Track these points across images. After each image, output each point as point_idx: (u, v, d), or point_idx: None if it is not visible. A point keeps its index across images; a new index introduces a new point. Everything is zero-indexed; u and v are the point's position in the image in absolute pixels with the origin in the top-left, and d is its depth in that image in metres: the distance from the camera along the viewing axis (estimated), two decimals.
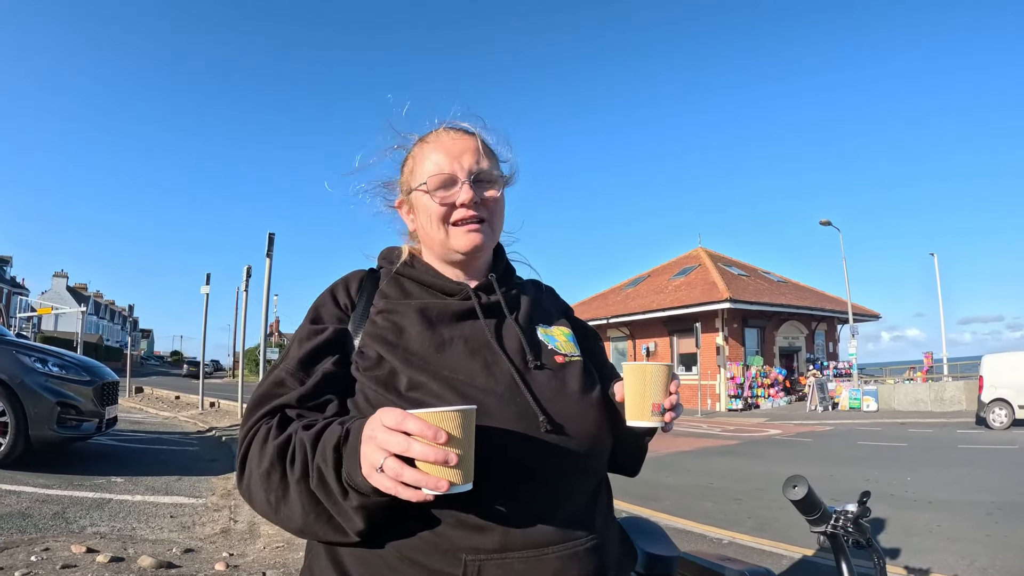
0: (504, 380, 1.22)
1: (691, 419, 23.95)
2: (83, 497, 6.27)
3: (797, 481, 1.72)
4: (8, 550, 4.42)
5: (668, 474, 10.58)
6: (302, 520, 1.09)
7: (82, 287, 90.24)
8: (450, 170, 1.31)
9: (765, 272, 36.54)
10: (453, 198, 1.31)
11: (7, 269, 68.31)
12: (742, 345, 29.94)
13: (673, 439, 16.08)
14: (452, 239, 1.33)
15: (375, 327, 1.29)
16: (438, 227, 1.33)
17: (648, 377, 1.22)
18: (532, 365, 1.27)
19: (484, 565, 1.08)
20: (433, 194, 1.31)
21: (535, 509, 1.14)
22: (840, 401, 26.77)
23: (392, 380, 1.20)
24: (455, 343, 1.26)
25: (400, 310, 1.31)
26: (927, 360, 31.72)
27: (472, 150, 1.34)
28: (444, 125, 1.40)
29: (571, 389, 1.27)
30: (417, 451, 0.92)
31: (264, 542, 5.24)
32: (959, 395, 24.07)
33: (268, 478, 1.10)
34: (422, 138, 1.40)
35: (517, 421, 1.16)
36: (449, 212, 1.32)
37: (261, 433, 1.16)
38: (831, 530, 1.73)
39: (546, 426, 1.17)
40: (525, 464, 1.15)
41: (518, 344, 1.30)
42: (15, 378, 7.19)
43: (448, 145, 1.35)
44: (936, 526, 6.67)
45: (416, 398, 1.17)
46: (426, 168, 1.33)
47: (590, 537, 1.18)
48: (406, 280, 1.39)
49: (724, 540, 6.27)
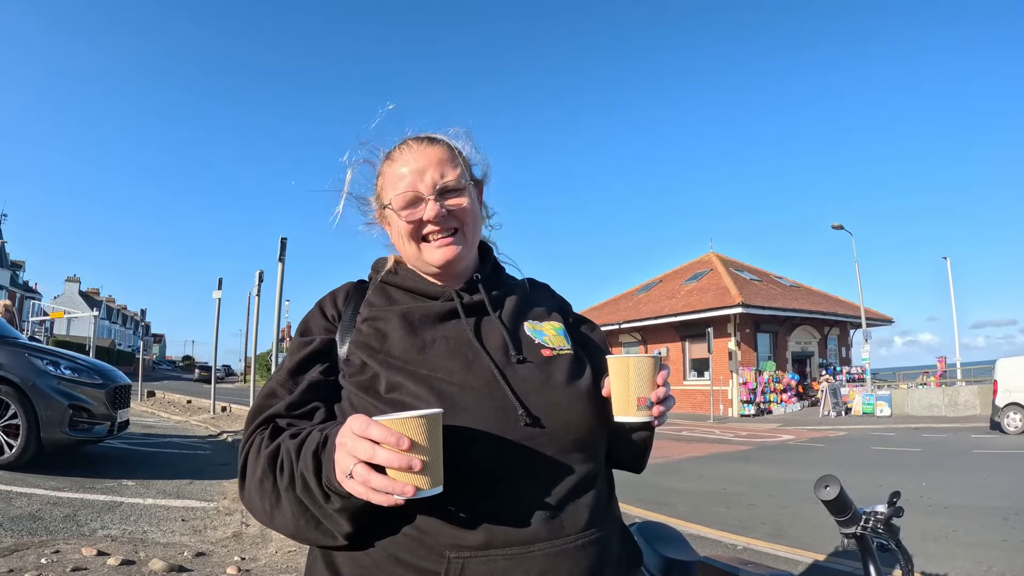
0: (483, 375, 1.22)
1: (703, 424, 23.89)
2: (94, 500, 6.26)
3: (829, 481, 1.67)
4: (18, 552, 4.40)
5: (681, 480, 10.54)
6: (294, 526, 1.12)
7: (94, 292, 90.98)
8: (413, 188, 1.33)
9: (777, 277, 36.44)
10: (419, 215, 1.33)
11: (20, 273, 68.84)
12: (754, 350, 29.84)
13: (686, 445, 16.04)
14: (425, 254, 1.36)
15: (360, 335, 1.31)
16: (409, 243, 1.36)
17: (632, 370, 1.21)
18: (514, 359, 1.27)
19: (468, 562, 1.09)
20: (399, 213, 1.34)
21: (519, 504, 1.13)
22: (853, 406, 26.63)
23: (373, 384, 1.22)
24: (437, 343, 1.28)
25: (384, 316, 1.33)
26: (940, 364, 31.59)
27: (436, 162, 1.36)
28: (408, 136, 1.42)
29: (556, 381, 1.26)
30: (382, 457, 0.94)
31: (276, 546, 5.22)
32: (973, 399, 23.84)
33: (262, 486, 1.14)
34: (388, 153, 1.42)
35: (495, 415, 1.16)
36: (418, 229, 1.34)
37: (255, 443, 1.20)
38: (860, 531, 1.68)
39: (524, 419, 1.17)
40: (504, 458, 1.14)
41: (501, 340, 1.30)
42: (27, 381, 7.20)
43: (411, 160, 1.36)
44: (952, 531, 6.60)
45: (395, 399, 1.18)
46: (393, 187, 1.36)
47: (583, 534, 1.16)
48: (391, 288, 1.42)
49: (739, 546, 6.22)
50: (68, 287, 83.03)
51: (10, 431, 7.10)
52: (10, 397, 7.13)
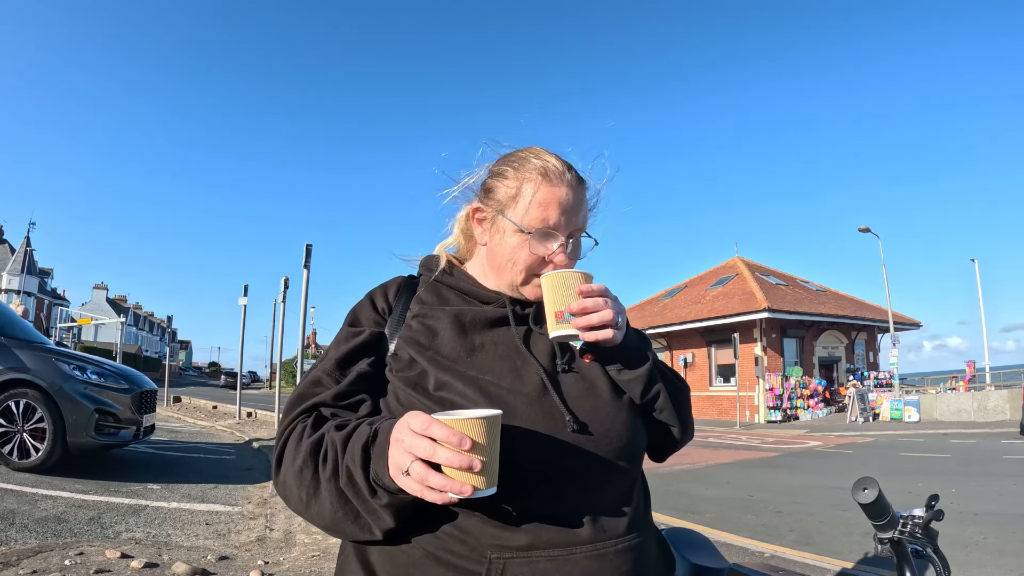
0: (532, 381, 1.22)
1: (730, 431, 23.76)
2: (119, 503, 6.30)
3: (867, 484, 1.61)
4: (43, 554, 4.43)
5: (707, 487, 10.46)
6: (331, 517, 1.10)
7: (122, 299, 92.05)
8: (555, 225, 1.29)
9: (803, 281, 36.12)
10: (546, 253, 1.29)
11: (48, 281, 69.83)
12: (781, 356, 29.60)
13: (713, 451, 15.94)
14: (524, 288, 1.33)
15: (410, 331, 1.30)
16: (519, 272, 1.31)
17: (550, 286, 1.22)
18: (561, 368, 1.27)
19: (509, 563, 1.09)
20: (531, 240, 1.28)
21: (563, 508, 1.13)
22: (881, 412, 26.27)
23: (421, 381, 1.22)
24: (486, 347, 1.27)
25: (435, 315, 1.32)
26: (969, 369, 31.13)
27: (579, 206, 1.33)
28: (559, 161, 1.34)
29: (600, 390, 1.26)
30: (443, 457, 0.93)
31: (300, 551, 5.22)
32: (1002, 404, 23.42)
33: (301, 475, 1.12)
34: (542, 169, 1.32)
35: (543, 420, 1.17)
36: (537, 264, 1.30)
37: (297, 431, 1.18)
38: (898, 536, 1.62)
39: (572, 426, 1.17)
40: (552, 463, 1.15)
41: (548, 348, 1.29)
42: (54, 385, 7.27)
43: (560, 195, 1.30)
44: (982, 539, 6.46)
45: (443, 397, 1.18)
46: (531, 209, 1.29)
47: (623, 538, 1.17)
48: (444, 287, 1.40)
49: (766, 553, 6.13)
50: (96, 294, 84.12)
51: (37, 435, 7.17)
52: (37, 401, 7.20)
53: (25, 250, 60.89)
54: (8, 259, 61.28)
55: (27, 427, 7.16)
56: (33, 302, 60.47)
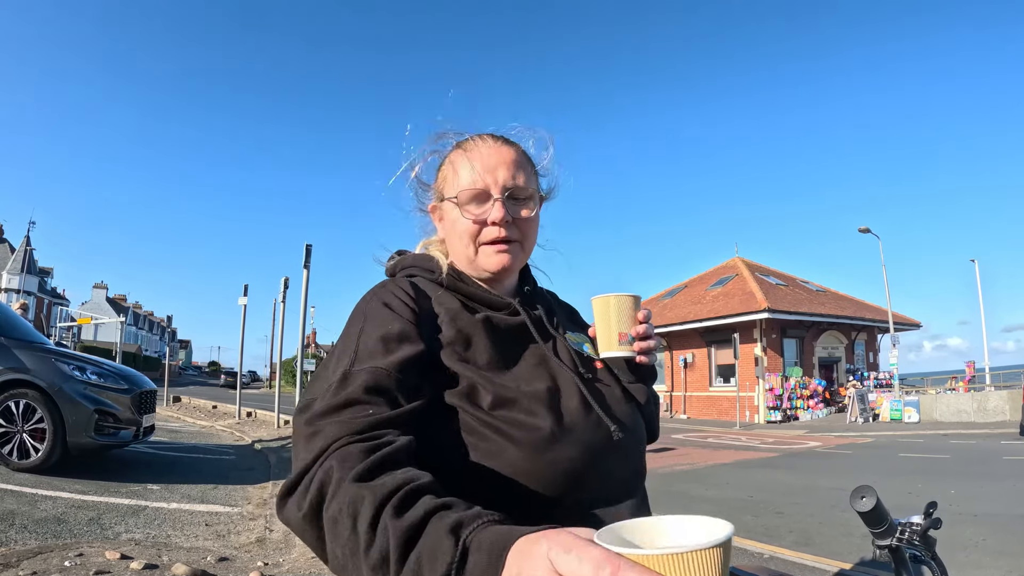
0: (573, 393, 1.18)
1: (730, 431, 23.73)
2: (119, 504, 6.30)
3: (865, 492, 1.61)
4: (42, 555, 4.42)
5: (707, 487, 10.47)
6: None
7: (121, 298, 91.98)
8: (483, 185, 1.25)
9: (803, 281, 36.10)
10: (484, 215, 1.25)
11: (48, 280, 69.75)
12: (781, 356, 29.56)
13: (712, 452, 15.93)
14: (481, 258, 1.27)
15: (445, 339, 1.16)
16: (467, 244, 1.27)
17: (612, 308, 1.26)
18: (587, 376, 1.24)
19: None
20: (464, 208, 1.25)
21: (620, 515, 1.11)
22: (881, 412, 26.25)
23: (473, 395, 1.09)
24: (523, 358, 1.22)
25: (463, 321, 1.21)
26: (969, 369, 31.08)
27: (509, 163, 1.28)
28: (486, 132, 1.34)
29: (620, 395, 1.28)
30: None
31: (299, 551, 5.21)
32: (1002, 405, 23.39)
33: (335, 525, 0.81)
34: (460, 144, 1.33)
35: (595, 433, 1.14)
36: (479, 230, 1.26)
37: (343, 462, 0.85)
38: (896, 543, 1.62)
39: (618, 434, 1.16)
40: (612, 473, 1.15)
41: (569, 355, 1.27)
42: (54, 385, 7.27)
43: (484, 156, 1.27)
44: (982, 540, 6.46)
45: (506, 416, 1.07)
46: (460, 179, 1.27)
47: None
48: (454, 293, 1.29)
49: (765, 554, 6.13)
50: (95, 293, 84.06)
51: (36, 435, 7.17)
52: (37, 401, 7.20)
53: (25, 249, 60.81)
54: (8, 258, 61.19)
55: (27, 427, 7.16)
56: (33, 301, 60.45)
